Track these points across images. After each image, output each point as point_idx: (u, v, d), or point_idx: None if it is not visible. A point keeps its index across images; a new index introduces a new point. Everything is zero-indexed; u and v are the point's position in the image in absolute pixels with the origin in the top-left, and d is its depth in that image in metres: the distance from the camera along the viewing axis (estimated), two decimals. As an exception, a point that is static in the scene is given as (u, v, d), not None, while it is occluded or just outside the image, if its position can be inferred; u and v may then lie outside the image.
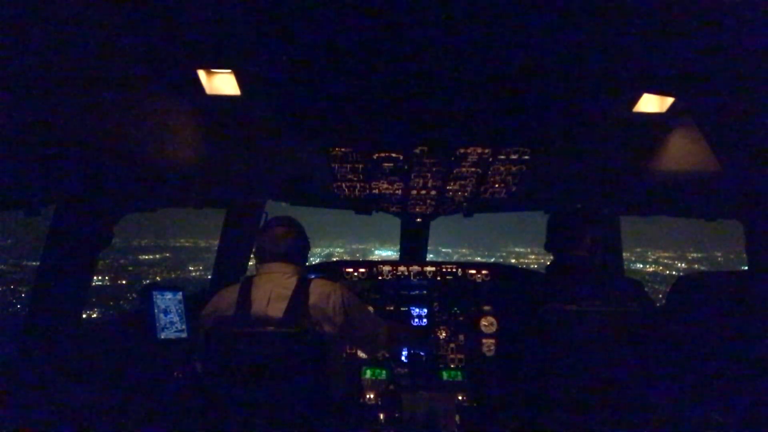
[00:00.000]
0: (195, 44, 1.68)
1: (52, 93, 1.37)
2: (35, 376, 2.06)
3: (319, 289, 1.97)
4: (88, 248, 2.30)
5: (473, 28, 1.52)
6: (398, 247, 4.54)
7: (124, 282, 34.78)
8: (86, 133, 1.58)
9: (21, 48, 1.23)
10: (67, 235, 2.20)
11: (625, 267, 4.05)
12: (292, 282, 1.97)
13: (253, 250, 2.17)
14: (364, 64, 1.81)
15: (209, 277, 3.93)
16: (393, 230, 4.64)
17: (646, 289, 1.92)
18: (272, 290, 1.93)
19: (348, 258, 5.30)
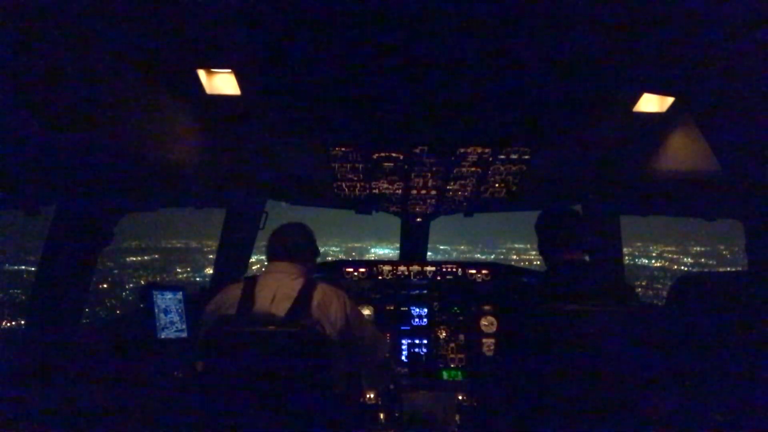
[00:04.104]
0: (195, 44, 1.68)
1: (53, 92, 1.37)
2: (35, 375, 2.06)
3: (323, 293, 1.98)
4: (88, 248, 2.30)
5: (474, 29, 1.52)
6: (396, 244, 4.52)
7: (105, 286, 32.70)
8: (86, 133, 1.58)
9: (22, 48, 1.23)
10: (67, 235, 2.20)
11: (630, 263, 4.05)
12: (298, 283, 1.97)
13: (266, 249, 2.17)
14: (364, 64, 1.81)
15: (197, 279, 3.91)
16: (390, 228, 4.61)
17: (657, 285, 1.91)
18: (277, 289, 1.93)
19: (344, 257, 5.25)
